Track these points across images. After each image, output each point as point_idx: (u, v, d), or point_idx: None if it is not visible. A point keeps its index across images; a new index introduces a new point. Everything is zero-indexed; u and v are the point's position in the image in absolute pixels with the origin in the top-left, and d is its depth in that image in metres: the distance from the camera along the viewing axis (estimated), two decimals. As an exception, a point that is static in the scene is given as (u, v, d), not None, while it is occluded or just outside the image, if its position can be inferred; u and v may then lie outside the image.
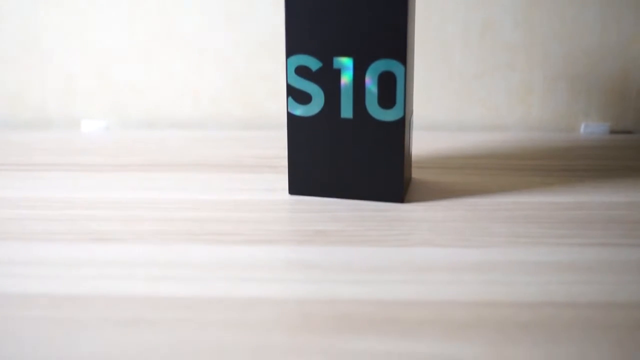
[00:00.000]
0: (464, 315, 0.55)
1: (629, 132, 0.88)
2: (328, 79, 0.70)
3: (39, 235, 0.66)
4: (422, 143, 0.82)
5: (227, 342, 0.52)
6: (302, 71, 0.70)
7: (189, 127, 0.91)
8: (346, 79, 0.69)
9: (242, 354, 0.51)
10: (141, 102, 0.90)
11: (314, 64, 0.70)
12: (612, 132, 0.88)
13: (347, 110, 0.70)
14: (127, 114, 0.91)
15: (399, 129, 0.69)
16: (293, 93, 0.70)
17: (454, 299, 0.57)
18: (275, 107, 0.88)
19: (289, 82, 0.70)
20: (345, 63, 0.69)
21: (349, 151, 0.71)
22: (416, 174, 0.77)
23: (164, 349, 0.51)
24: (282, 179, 0.75)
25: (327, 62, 0.69)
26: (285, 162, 0.74)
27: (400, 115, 0.69)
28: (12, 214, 0.70)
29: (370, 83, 0.69)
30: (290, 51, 0.70)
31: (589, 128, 0.88)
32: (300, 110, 0.71)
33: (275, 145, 0.83)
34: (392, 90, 0.69)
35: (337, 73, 0.69)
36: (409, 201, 0.72)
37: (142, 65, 0.89)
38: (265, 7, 0.86)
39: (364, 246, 0.64)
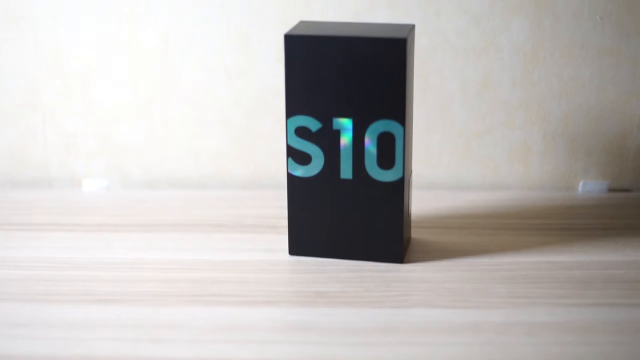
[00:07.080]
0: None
1: (627, 190, 0.89)
2: (328, 139, 0.70)
3: (39, 296, 0.67)
4: (421, 202, 0.83)
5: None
6: (302, 132, 0.71)
7: (189, 186, 0.91)
8: (346, 139, 0.70)
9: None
10: (142, 161, 0.91)
11: (313, 124, 0.70)
12: (611, 190, 0.89)
13: (346, 171, 0.71)
14: (127, 173, 0.91)
15: (399, 190, 0.70)
16: (293, 154, 0.71)
17: (454, 361, 0.57)
18: (275, 167, 0.89)
19: (289, 143, 0.71)
20: (345, 124, 0.70)
21: (349, 212, 0.72)
22: (416, 233, 0.77)
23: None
24: (283, 239, 0.75)
25: (327, 123, 0.70)
26: (285, 222, 0.75)
27: (399, 175, 0.70)
28: (13, 274, 0.71)
29: (370, 144, 0.70)
30: (290, 112, 0.70)
31: (588, 186, 0.89)
32: (300, 171, 0.71)
33: (276, 205, 0.83)
34: (391, 150, 0.69)
35: (337, 134, 0.70)
36: (408, 261, 0.72)
37: (142, 124, 0.90)
38: (266, 66, 0.87)
39: (364, 307, 0.64)
